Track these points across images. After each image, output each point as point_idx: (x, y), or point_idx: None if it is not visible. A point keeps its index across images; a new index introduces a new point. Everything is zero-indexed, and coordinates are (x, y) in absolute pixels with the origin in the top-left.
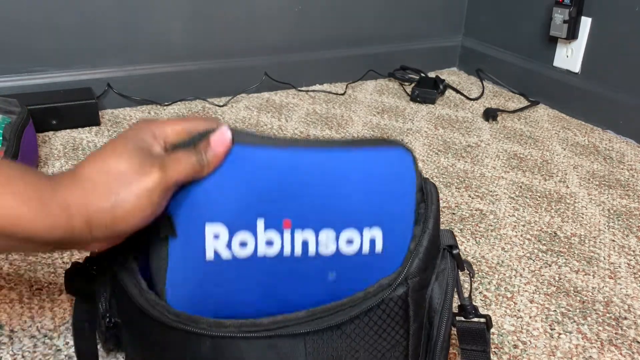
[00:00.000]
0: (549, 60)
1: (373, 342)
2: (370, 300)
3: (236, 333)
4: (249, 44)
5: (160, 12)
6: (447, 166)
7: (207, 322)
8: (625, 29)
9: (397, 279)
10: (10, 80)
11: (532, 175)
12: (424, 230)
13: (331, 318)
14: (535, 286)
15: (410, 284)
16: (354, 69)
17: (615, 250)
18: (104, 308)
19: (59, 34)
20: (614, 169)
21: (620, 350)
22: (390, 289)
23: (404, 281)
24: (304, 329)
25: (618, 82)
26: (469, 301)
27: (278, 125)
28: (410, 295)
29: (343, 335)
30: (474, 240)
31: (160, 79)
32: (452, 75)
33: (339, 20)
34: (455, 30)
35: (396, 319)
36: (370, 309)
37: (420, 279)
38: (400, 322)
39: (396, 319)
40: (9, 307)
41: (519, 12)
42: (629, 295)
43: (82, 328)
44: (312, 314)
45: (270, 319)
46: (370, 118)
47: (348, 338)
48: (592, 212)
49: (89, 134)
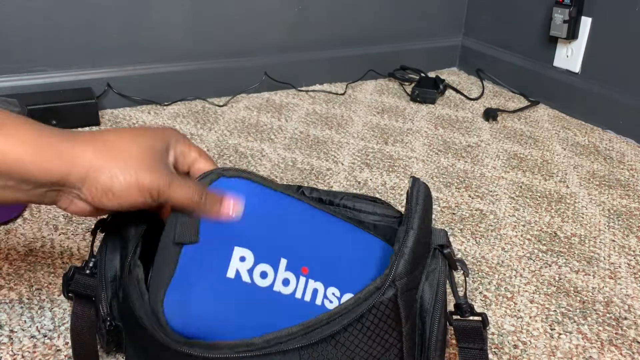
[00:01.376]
0: (549, 60)
1: (368, 347)
2: (361, 306)
3: (230, 354)
4: (249, 44)
5: (160, 12)
6: (447, 166)
7: (200, 345)
8: (625, 29)
9: (385, 282)
10: (10, 80)
11: (532, 175)
12: (407, 231)
13: (324, 329)
14: (536, 286)
15: (399, 285)
16: (354, 69)
17: (616, 250)
18: (104, 311)
19: (59, 34)
20: (614, 169)
21: (621, 350)
22: (379, 292)
23: (391, 283)
24: (297, 344)
25: (618, 82)
26: (465, 300)
27: (278, 126)
28: (399, 296)
29: (338, 345)
30: (474, 240)
31: (160, 79)
32: (452, 75)
33: (339, 20)
34: (455, 30)
35: (388, 322)
36: (362, 315)
37: (408, 279)
38: (393, 325)
39: (388, 322)
40: (9, 307)
41: (519, 12)
42: (629, 296)
43: (81, 332)
44: (305, 327)
45: (263, 338)
46: (370, 118)
47: (343, 347)
48: (592, 212)
49: None
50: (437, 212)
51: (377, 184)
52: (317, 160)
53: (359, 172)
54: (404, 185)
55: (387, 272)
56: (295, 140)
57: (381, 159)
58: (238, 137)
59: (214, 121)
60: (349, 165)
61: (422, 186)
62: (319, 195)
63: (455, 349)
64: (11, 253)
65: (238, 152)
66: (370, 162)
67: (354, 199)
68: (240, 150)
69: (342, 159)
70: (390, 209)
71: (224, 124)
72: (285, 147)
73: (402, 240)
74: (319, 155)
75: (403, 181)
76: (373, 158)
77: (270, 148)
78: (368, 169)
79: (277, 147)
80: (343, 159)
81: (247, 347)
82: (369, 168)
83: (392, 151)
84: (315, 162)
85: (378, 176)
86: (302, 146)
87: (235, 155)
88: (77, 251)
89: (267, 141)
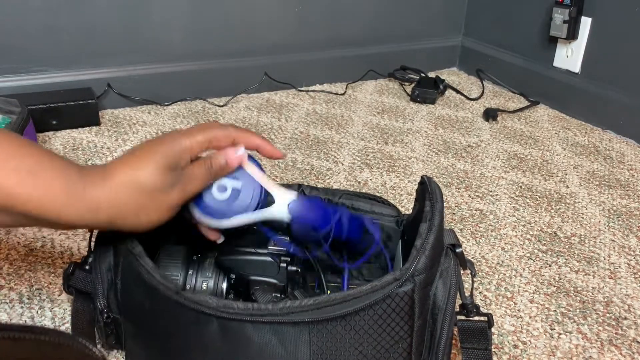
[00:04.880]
0: (549, 60)
1: (377, 336)
2: (376, 293)
3: (243, 316)
4: (249, 44)
5: (160, 12)
6: (447, 166)
7: (216, 303)
8: (625, 29)
9: (405, 275)
10: (10, 80)
11: (532, 175)
12: (430, 228)
13: (336, 308)
14: (535, 286)
15: (417, 281)
16: (354, 69)
17: (615, 250)
18: (102, 304)
19: (59, 34)
20: (614, 169)
21: (620, 350)
22: (396, 283)
23: (410, 277)
24: (308, 317)
25: (618, 82)
26: (471, 300)
27: (278, 126)
28: (416, 291)
29: (347, 327)
30: (474, 240)
31: (160, 79)
32: (452, 75)
33: (339, 20)
34: (455, 30)
35: (401, 315)
36: (376, 303)
37: (426, 276)
38: (405, 318)
39: (401, 315)
40: (9, 307)
41: (519, 12)
42: (629, 295)
43: (82, 329)
44: (318, 302)
45: (277, 305)
46: (370, 118)
47: (352, 330)
48: (592, 212)
49: (89, 134)
50: None
51: (377, 184)
52: (317, 160)
53: (359, 172)
54: (404, 185)
55: (407, 266)
56: (295, 140)
57: (381, 159)
58: None
59: None
60: (349, 165)
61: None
62: (319, 193)
63: (454, 349)
64: (11, 253)
65: None
66: (370, 162)
67: (352, 198)
68: None
69: (342, 159)
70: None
71: None
72: (285, 147)
73: (425, 237)
74: (319, 155)
75: (403, 181)
76: (373, 158)
77: None
78: (368, 169)
79: (277, 147)
80: (343, 159)
81: (260, 311)
82: (369, 168)
83: (392, 151)
84: (315, 162)
85: (378, 176)
86: (302, 146)
87: None
88: (77, 251)
89: None
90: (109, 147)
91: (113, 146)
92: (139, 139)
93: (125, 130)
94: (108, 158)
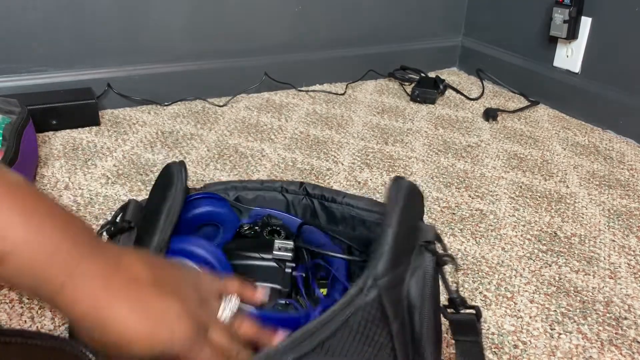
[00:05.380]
0: (549, 60)
1: (359, 350)
2: (346, 310)
3: None
4: (249, 44)
5: (161, 13)
6: (447, 166)
7: None
8: (625, 29)
9: (366, 283)
10: (10, 80)
11: (532, 175)
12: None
13: (313, 338)
14: (535, 286)
15: (381, 285)
16: (354, 69)
17: (615, 250)
18: None
19: (59, 34)
20: (614, 169)
21: (620, 350)
22: (362, 294)
23: (373, 283)
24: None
25: (618, 82)
26: (457, 294)
27: (278, 126)
28: (383, 295)
29: (329, 352)
30: (474, 240)
31: (160, 79)
32: (452, 75)
33: (339, 20)
34: (455, 30)
35: (375, 322)
36: (348, 319)
37: (389, 278)
38: (381, 325)
39: (375, 322)
40: (9, 307)
41: (519, 12)
42: (629, 295)
43: None
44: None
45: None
46: (370, 118)
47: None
48: (592, 212)
49: (89, 134)
50: (437, 212)
51: (377, 184)
52: (317, 160)
53: (359, 172)
54: None
55: (367, 273)
56: (295, 140)
57: (381, 159)
58: (238, 137)
59: (214, 121)
60: (349, 165)
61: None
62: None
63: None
64: None
65: (238, 152)
66: (370, 162)
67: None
68: (241, 151)
69: (342, 159)
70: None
71: (224, 124)
72: (286, 147)
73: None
74: (319, 155)
75: None
76: (373, 158)
77: (271, 148)
78: (368, 169)
79: (277, 147)
80: (343, 159)
81: None
82: (369, 168)
83: (392, 151)
84: (315, 162)
85: (378, 176)
86: (302, 146)
87: (235, 156)
88: None
89: (267, 141)
90: (108, 147)
91: (113, 146)
92: (138, 139)
93: (125, 130)
94: (108, 158)
